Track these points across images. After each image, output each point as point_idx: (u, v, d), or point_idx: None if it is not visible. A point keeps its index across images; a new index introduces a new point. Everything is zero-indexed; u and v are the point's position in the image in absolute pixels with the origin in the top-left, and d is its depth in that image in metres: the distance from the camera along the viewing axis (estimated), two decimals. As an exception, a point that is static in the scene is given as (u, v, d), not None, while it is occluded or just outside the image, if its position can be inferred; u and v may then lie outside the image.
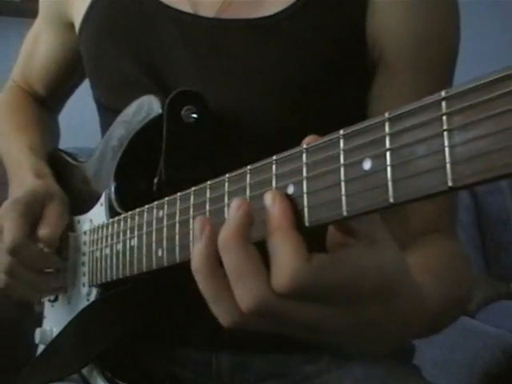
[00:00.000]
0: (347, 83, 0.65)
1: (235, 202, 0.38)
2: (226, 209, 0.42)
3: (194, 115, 0.60)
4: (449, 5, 0.66)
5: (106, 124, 0.72)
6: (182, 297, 0.65)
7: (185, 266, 0.48)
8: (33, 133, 0.84)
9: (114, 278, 0.61)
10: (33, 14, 0.91)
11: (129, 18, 0.71)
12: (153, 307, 0.66)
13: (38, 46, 0.90)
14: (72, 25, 0.80)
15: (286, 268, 0.36)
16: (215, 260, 0.39)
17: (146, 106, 0.63)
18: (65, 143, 0.94)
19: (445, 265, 0.57)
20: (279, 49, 0.64)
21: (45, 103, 0.93)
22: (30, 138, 0.82)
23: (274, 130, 0.64)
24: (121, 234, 0.59)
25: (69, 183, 0.76)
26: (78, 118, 1.58)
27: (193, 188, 0.47)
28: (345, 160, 0.34)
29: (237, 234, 0.37)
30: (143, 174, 0.62)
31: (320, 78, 0.64)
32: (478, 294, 1.79)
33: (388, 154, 0.32)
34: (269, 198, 0.37)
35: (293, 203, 0.37)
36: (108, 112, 0.72)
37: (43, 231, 0.67)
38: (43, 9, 0.88)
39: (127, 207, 0.60)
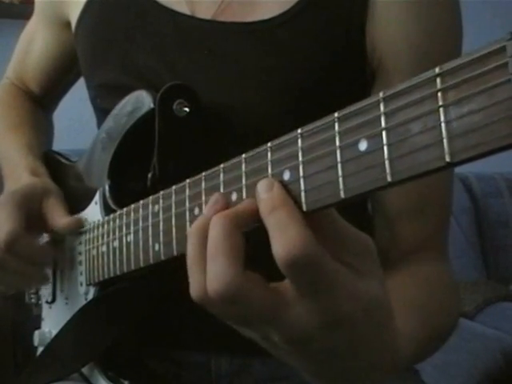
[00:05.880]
0: (342, 89, 0.64)
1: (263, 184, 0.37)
2: None
3: (186, 109, 0.60)
4: (451, 16, 0.65)
5: (102, 124, 0.71)
6: (180, 299, 0.65)
7: (183, 264, 0.48)
8: (29, 132, 0.84)
9: (112, 275, 0.60)
10: (31, 16, 0.91)
11: (124, 19, 0.70)
12: (151, 307, 0.66)
13: (33, 44, 0.89)
14: (68, 24, 0.80)
15: (294, 238, 0.33)
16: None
17: (138, 102, 0.63)
18: (63, 145, 0.94)
19: (429, 294, 0.57)
20: (273, 54, 0.63)
21: (39, 101, 0.93)
22: (26, 138, 0.82)
23: (267, 129, 0.63)
24: (117, 231, 0.59)
25: (62, 183, 0.76)
26: (77, 119, 1.57)
27: (187, 180, 0.47)
28: (340, 142, 0.34)
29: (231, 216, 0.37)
30: (137, 170, 0.62)
31: (313, 84, 0.63)
32: (478, 297, 1.79)
33: (384, 133, 0.32)
34: (264, 185, 0.37)
35: (290, 191, 0.37)
36: (103, 113, 0.72)
37: (63, 220, 0.67)
38: (39, 7, 0.88)
39: (122, 204, 0.60)
